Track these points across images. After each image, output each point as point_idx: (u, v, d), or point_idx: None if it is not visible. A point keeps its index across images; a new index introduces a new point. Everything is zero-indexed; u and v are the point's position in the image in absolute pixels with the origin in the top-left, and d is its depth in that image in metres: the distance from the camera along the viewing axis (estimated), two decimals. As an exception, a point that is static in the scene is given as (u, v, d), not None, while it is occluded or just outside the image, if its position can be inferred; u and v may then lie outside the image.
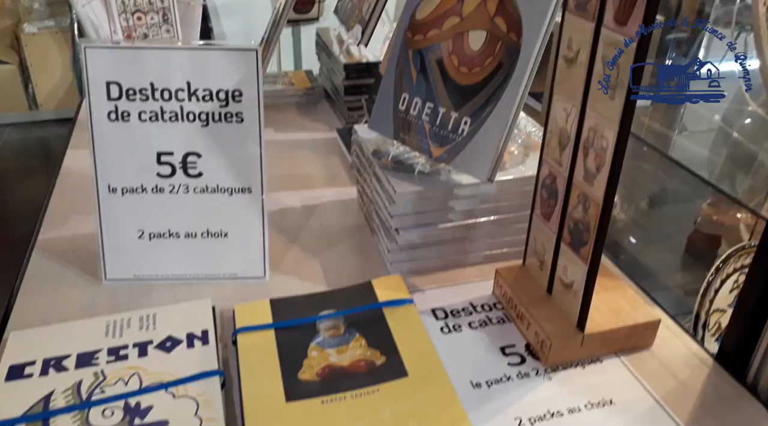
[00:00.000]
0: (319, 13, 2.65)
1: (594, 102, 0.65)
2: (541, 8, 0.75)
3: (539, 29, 0.75)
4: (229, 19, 2.64)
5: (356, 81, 1.26)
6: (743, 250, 1.05)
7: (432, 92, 0.85)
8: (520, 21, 0.77)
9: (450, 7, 0.83)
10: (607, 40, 0.62)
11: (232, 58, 0.78)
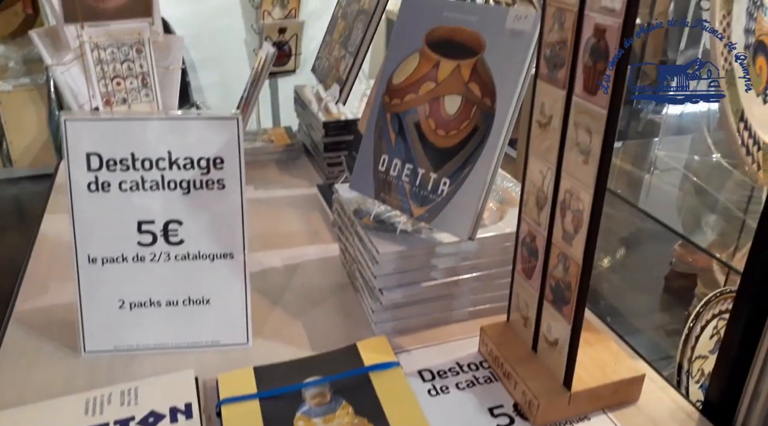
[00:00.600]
0: (296, 65, 2.70)
1: (569, 166, 0.67)
2: (513, 75, 0.78)
3: (512, 95, 0.78)
4: (206, 73, 2.67)
5: (335, 138, 1.28)
6: (721, 295, 1.08)
7: (411, 154, 0.87)
8: (493, 87, 0.79)
9: (425, 73, 0.86)
10: (579, 108, 0.64)
11: (212, 126, 0.79)
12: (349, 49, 1.26)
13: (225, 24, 2.63)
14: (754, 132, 0.82)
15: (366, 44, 1.22)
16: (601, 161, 0.62)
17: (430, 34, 0.86)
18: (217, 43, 2.65)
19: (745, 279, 0.72)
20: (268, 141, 1.41)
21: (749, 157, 0.81)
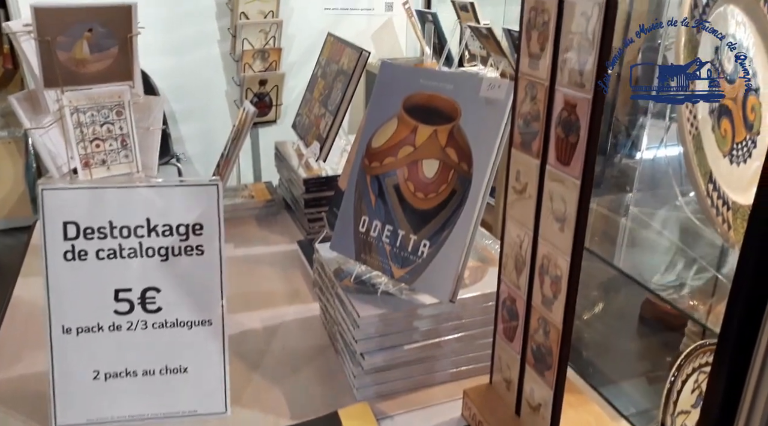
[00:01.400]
0: (276, 115, 2.73)
1: (545, 232, 0.68)
2: (488, 141, 0.80)
3: (488, 160, 0.80)
4: (187, 124, 2.69)
5: (316, 194, 1.28)
6: (702, 347, 1.08)
7: (391, 215, 0.88)
8: (469, 152, 0.81)
9: (404, 137, 0.88)
10: (553, 177, 0.66)
11: (192, 193, 0.79)
12: (329, 107, 1.28)
13: (206, 76, 2.67)
14: (723, 192, 0.84)
15: (345, 104, 1.24)
16: (577, 229, 0.64)
17: (408, 100, 0.88)
18: (199, 94, 2.68)
19: (722, 338, 0.72)
20: (249, 197, 1.42)
21: (719, 218, 0.83)
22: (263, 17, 2.53)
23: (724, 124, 0.88)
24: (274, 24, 2.54)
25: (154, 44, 2.50)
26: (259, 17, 2.52)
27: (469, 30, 2.37)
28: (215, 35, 2.62)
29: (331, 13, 2.82)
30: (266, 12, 2.53)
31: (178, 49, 2.58)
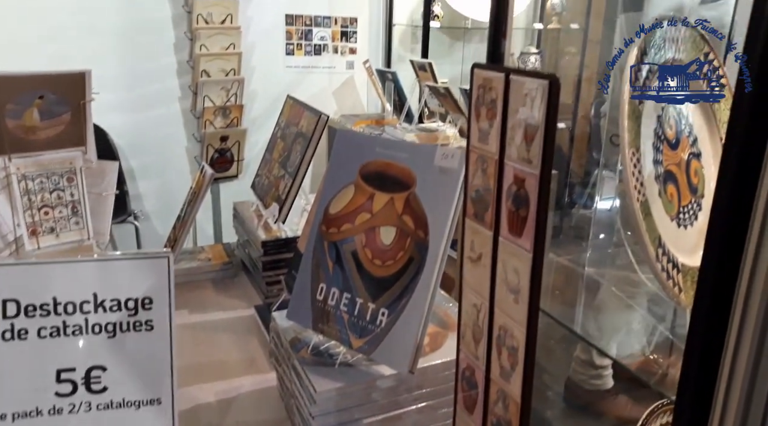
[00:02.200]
0: (238, 170, 2.72)
1: (501, 302, 0.68)
2: (443, 209, 0.80)
3: (444, 228, 0.80)
4: (146, 181, 2.65)
5: (274, 256, 1.27)
6: (663, 406, 1.09)
7: (349, 283, 0.87)
8: (425, 219, 0.82)
9: (361, 204, 0.88)
10: (506, 249, 0.67)
11: (142, 266, 0.77)
12: (288, 169, 1.28)
13: (166, 133, 2.65)
14: (672, 256, 0.87)
15: (305, 166, 1.24)
16: (531, 301, 0.64)
17: (364, 167, 0.89)
18: (158, 151, 2.65)
19: (679, 401, 0.73)
20: (206, 260, 1.39)
21: (670, 281, 0.85)
22: (225, 75, 2.55)
23: (669, 189, 0.92)
24: (235, 82, 2.57)
25: (113, 102, 2.49)
26: (220, 75, 2.54)
27: (427, 89, 2.44)
28: (176, 92, 2.62)
29: (293, 70, 2.86)
30: (228, 70, 2.55)
31: (137, 106, 2.57)
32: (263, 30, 2.74)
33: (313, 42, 2.88)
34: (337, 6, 2.86)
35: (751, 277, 0.62)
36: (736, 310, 0.63)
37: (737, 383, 0.61)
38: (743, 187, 0.60)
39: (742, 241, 0.61)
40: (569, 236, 1.89)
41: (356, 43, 2.95)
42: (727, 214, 0.62)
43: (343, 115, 2.90)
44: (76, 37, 2.39)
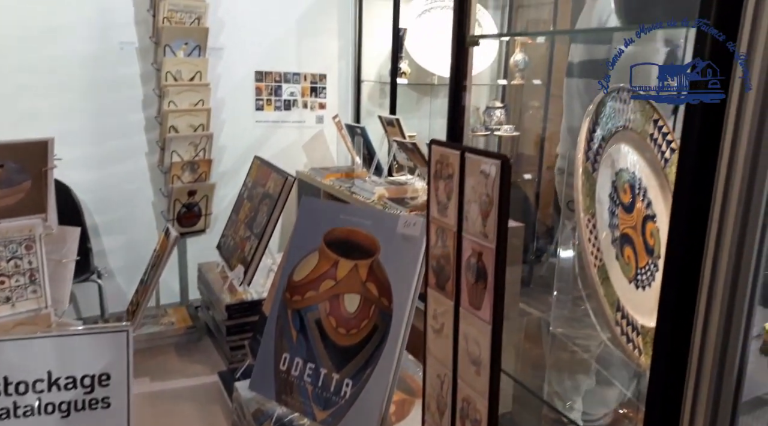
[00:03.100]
0: (206, 225, 2.70)
1: (464, 374, 0.69)
2: (407, 277, 0.81)
3: (407, 296, 0.81)
4: (111, 237, 2.60)
5: (239, 320, 1.25)
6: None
7: (313, 352, 0.86)
8: (389, 287, 0.82)
9: (325, 271, 0.88)
10: (466, 320, 0.67)
11: (100, 341, 0.75)
12: (255, 230, 1.28)
13: (132, 188, 2.63)
14: (631, 318, 0.88)
15: (271, 228, 1.24)
16: (492, 373, 0.64)
17: (329, 234, 0.90)
18: (124, 206, 2.62)
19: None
20: (169, 323, 1.36)
21: (630, 345, 0.86)
22: (193, 130, 2.56)
23: (627, 252, 0.94)
24: (204, 137, 2.58)
25: (79, 158, 2.47)
26: (188, 130, 2.55)
27: (395, 143, 2.49)
28: (143, 148, 2.61)
29: (262, 125, 2.89)
30: (196, 125, 2.56)
31: (104, 161, 2.55)
32: (233, 86, 2.78)
33: (282, 97, 2.92)
34: (306, 63, 2.93)
35: (703, 337, 0.64)
36: (691, 371, 0.65)
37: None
38: (692, 246, 0.62)
39: (694, 301, 0.64)
40: (539, 286, 1.90)
41: (326, 99, 3.01)
42: (678, 274, 0.64)
43: (313, 169, 2.93)
44: (44, 94, 2.39)
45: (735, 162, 0.58)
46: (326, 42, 2.96)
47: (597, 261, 0.86)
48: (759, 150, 0.57)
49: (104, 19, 2.47)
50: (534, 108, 3.42)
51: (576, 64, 2.55)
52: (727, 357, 0.64)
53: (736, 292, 0.61)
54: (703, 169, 0.61)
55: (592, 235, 0.85)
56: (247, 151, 2.85)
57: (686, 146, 0.61)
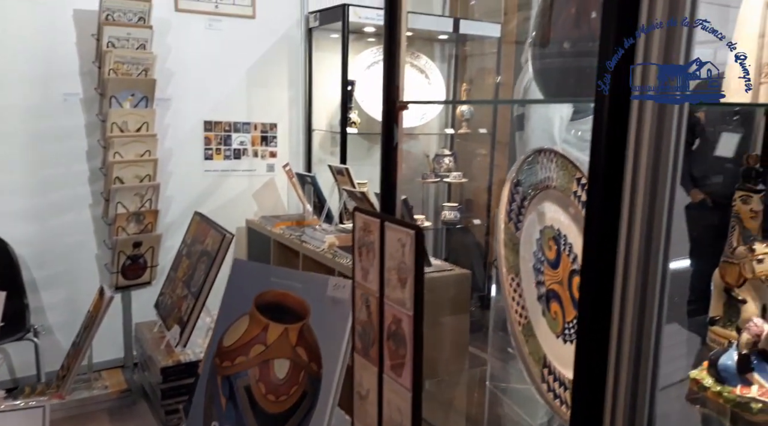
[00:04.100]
0: (151, 277, 2.63)
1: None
2: (336, 341, 0.81)
3: (336, 360, 0.81)
4: (50, 292, 2.50)
5: (174, 383, 1.21)
6: None
7: (242, 420, 0.84)
8: (319, 352, 0.82)
9: (255, 335, 0.87)
10: (389, 386, 0.68)
11: (15, 419, 0.72)
12: (192, 289, 1.26)
13: (75, 240, 2.55)
14: (558, 374, 0.90)
15: (208, 286, 1.23)
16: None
17: (259, 297, 0.89)
18: (65, 260, 2.54)
19: None
20: (102, 387, 1.31)
21: (557, 400, 0.88)
22: (139, 181, 2.53)
23: (553, 307, 0.97)
24: (150, 187, 2.54)
25: (18, 210, 2.39)
26: (134, 181, 2.51)
27: (345, 192, 2.51)
28: (86, 199, 2.56)
29: (211, 174, 2.88)
30: (143, 176, 2.53)
31: (44, 214, 2.48)
32: (181, 136, 2.77)
33: (232, 146, 2.92)
34: (256, 112, 2.95)
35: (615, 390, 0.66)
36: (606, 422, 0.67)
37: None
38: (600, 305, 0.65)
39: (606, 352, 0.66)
40: (493, 329, 1.92)
41: (276, 147, 3.03)
42: (589, 324, 0.66)
43: (264, 217, 2.92)
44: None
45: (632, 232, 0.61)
46: (277, 92, 3.00)
47: (522, 319, 0.88)
48: (653, 211, 0.61)
49: (48, 70, 2.44)
50: (481, 155, 3.52)
51: (517, 117, 2.65)
52: (636, 408, 0.66)
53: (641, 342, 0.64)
54: (605, 233, 0.64)
55: (516, 293, 0.88)
56: (195, 200, 2.82)
57: (590, 208, 0.64)
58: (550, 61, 0.94)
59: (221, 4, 2.78)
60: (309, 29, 2.99)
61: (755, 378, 1.01)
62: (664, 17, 0.58)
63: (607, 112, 0.63)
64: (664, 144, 0.59)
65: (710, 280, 1.25)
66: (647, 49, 0.60)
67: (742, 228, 1.22)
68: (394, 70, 1.02)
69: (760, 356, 1.03)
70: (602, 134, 0.64)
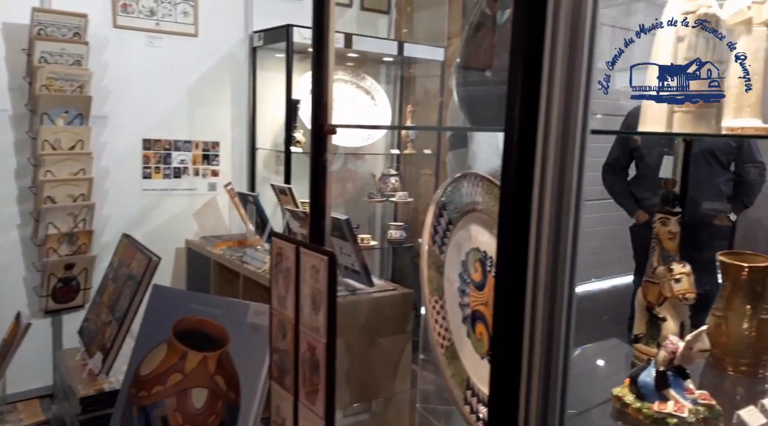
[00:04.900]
0: (84, 300, 2.52)
1: (303, 471, 0.67)
2: (255, 368, 0.80)
3: (255, 389, 0.79)
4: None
5: (95, 413, 1.16)
6: None
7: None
8: (237, 380, 0.80)
9: (173, 364, 0.85)
10: (304, 415, 0.67)
11: None
12: (116, 314, 1.22)
13: (1, 263, 2.43)
14: (482, 395, 0.91)
15: (132, 312, 1.19)
16: (327, 471, 0.63)
17: (178, 324, 0.87)
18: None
19: None
20: (17, 421, 1.23)
21: (480, 423, 0.89)
22: (73, 201, 2.44)
23: (478, 328, 0.98)
24: (84, 207, 2.45)
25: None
26: (67, 201, 2.42)
27: (288, 212, 2.49)
28: (14, 220, 2.45)
29: (150, 193, 2.80)
30: (76, 195, 2.44)
31: (-34, 236, 2.36)
32: (119, 154, 2.69)
33: (172, 165, 2.86)
34: (197, 131, 2.90)
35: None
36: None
37: None
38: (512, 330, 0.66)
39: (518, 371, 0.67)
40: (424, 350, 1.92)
41: (219, 166, 2.98)
42: (502, 340, 0.67)
43: (204, 237, 2.85)
44: None
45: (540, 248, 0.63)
46: (220, 110, 2.96)
47: (444, 341, 0.89)
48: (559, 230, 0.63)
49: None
50: (426, 175, 3.56)
51: (453, 136, 2.70)
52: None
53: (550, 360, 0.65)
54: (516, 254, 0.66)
55: (440, 316, 0.89)
56: (133, 220, 2.74)
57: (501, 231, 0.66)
58: (474, 88, 0.96)
59: (162, 21, 2.74)
60: (253, 48, 2.98)
61: (671, 394, 1.04)
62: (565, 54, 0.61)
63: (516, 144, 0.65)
64: (568, 169, 0.61)
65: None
66: (551, 79, 0.63)
67: (662, 249, 1.28)
68: (322, 93, 1.02)
69: (676, 372, 1.07)
70: (512, 163, 0.66)
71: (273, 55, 3.01)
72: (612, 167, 2.75)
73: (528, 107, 0.65)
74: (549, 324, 0.64)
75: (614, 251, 3.48)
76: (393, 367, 2.04)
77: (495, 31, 0.94)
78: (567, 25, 0.61)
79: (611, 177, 2.75)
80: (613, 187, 2.75)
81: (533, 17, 0.62)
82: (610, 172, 2.75)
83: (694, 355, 1.06)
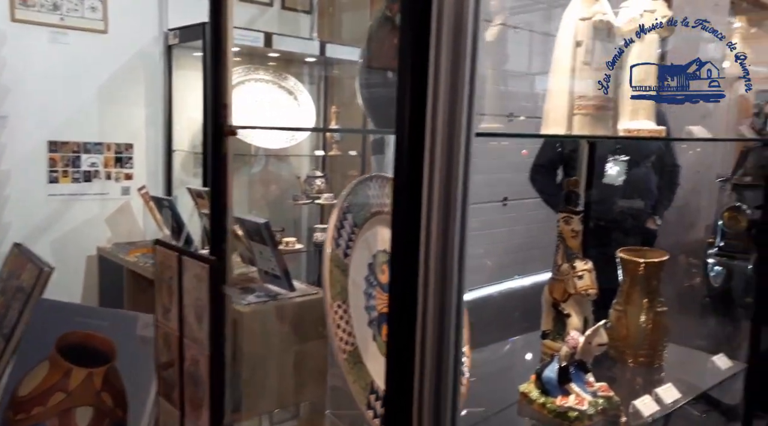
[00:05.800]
0: None
1: (190, 490, 0.64)
2: (144, 383, 0.75)
3: (144, 405, 0.75)
4: None
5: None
6: None
7: (37, 479, 0.75)
8: (125, 396, 0.76)
9: (55, 382, 0.79)
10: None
11: None
12: (3, 330, 1.13)
13: None
14: (388, 399, 0.91)
15: (21, 327, 1.10)
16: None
17: (62, 339, 0.81)
18: None
19: None
20: None
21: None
22: (-34, 207, 2.26)
23: (385, 331, 0.98)
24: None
25: None
26: (-40, 208, 2.24)
27: (205, 216, 2.41)
28: None
29: (57, 198, 2.64)
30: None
31: None
32: (20, 157, 2.51)
33: (82, 168, 2.70)
34: (109, 132, 2.76)
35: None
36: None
37: None
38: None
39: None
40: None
41: (132, 169, 2.85)
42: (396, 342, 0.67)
43: (116, 244, 2.71)
44: None
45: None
46: (133, 110, 2.83)
47: (347, 346, 0.87)
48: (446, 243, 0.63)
49: None
50: (353, 177, 3.54)
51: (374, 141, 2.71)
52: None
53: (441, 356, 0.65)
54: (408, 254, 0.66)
55: (342, 320, 0.87)
56: (38, 227, 2.57)
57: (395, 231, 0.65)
58: (375, 90, 0.95)
59: (68, 16, 2.58)
60: (169, 46, 2.86)
61: (573, 388, 1.08)
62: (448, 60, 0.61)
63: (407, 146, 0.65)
64: (453, 171, 0.62)
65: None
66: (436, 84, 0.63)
67: (566, 247, 1.32)
68: (220, 92, 0.99)
69: (578, 367, 1.11)
70: (403, 164, 0.66)
71: (190, 54, 2.90)
72: (545, 168, 2.74)
73: (417, 111, 0.65)
74: (440, 318, 0.64)
75: (539, 248, 3.59)
76: (317, 372, 2.01)
77: (396, 32, 0.94)
78: (450, 30, 0.62)
79: (543, 178, 2.74)
80: (545, 188, 2.75)
81: (418, 22, 0.63)
82: (543, 173, 2.75)
83: (593, 349, 1.10)
